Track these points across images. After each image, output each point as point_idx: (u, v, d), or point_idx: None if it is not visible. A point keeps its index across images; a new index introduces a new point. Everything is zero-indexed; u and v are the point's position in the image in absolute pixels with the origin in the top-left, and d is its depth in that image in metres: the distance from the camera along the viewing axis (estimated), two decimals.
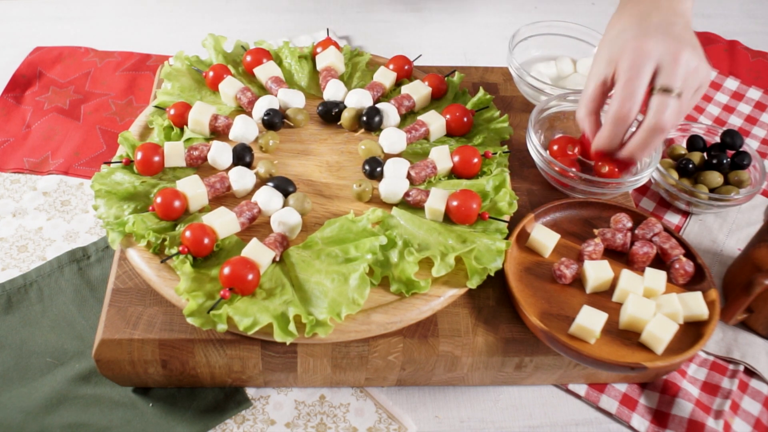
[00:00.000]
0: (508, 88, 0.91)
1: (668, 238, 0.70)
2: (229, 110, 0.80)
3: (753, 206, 0.87)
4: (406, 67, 0.84)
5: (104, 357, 0.62)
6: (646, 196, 0.87)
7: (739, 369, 0.71)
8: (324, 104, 0.80)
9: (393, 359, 0.64)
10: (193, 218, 0.68)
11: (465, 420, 0.67)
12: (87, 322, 0.72)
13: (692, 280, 0.68)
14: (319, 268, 0.63)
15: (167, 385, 0.67)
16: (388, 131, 0.76)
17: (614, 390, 0.69)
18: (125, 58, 1.02)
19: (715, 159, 0.85)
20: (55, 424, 0.64)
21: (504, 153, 0.76)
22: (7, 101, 0.95)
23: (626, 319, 0.63)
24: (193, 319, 0.58)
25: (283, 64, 0.86)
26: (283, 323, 0.58)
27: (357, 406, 0.67)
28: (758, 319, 0.72)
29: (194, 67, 0.84)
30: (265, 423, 0.66)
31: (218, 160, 0.73)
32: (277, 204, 0.69)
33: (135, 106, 0.95)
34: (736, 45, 1.12)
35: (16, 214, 0.81)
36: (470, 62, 1.06)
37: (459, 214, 0.68)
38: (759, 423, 0.68)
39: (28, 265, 0.77)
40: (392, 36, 1.11)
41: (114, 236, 0.65)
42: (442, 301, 0.64)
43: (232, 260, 0.61)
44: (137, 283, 0.66)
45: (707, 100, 1.02)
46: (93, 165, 0.87)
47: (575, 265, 0.67)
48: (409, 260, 0.63)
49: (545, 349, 0.65)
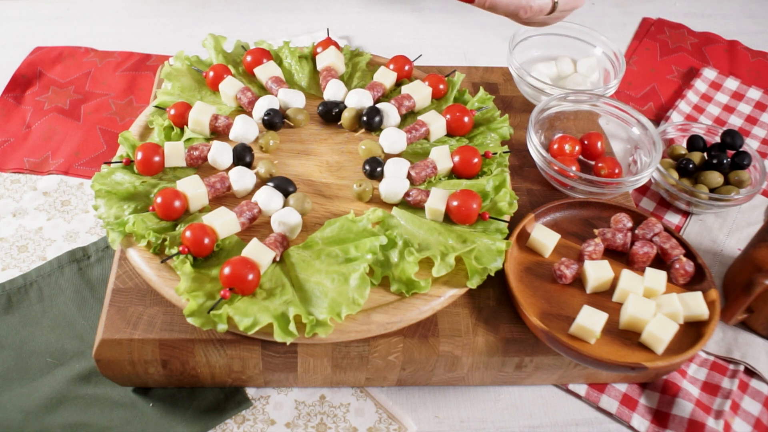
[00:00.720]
0: (508, 88, 0.91)
1: (668, 238, 0.70)
2: (229, 110, 0.80)
3: (753, 206, 0.87)
4: (406, 67, 0.84)
5: (104, 357, 0.62)
6: (646, 196, 0.87)
7: (739, 369, 0.71)
8: (324, 104, 0.80)
9: (393, 359, 0.64)
10: (194, 218, 0.68)
11: (465, 420, 0.67)
12: (87, 322, 0.72)
13: (692, 280, 0.68)
14: (319, 268, 0.63)
15: (167, 385, 0.67)
16: (388, 131, 0.76)
17: (614, 390, 0.69)
18: (125, 58, 1.02)
19: (715, 159, 0.85)
20: (55, 424, 0.64)
21: (504, 153, 0.76)
22: (7, 101, 0.95)
23: (626, 319, 0.63)
24: (194, 319, 0.58)
25: (283, 64, 0.86)
26: (283, 323, 0.58)
27: (357, 406, 0.67)
28: (758, 319, 0.72)
29: (194, 67, 0.84)
30: (265, 423, 0.66)
31: (218, 160, 0.73)
32: (278, 204, 0.69)
33: (135, 106, 0.96)
34: (736, 45, 1.12)
35: (16, 214, 0.81)
36: (470, 62, 1.06)
37: (459, 214, 0.68)
38: (759, 423, 0.68)
39: (28, 265, 0.77)
40: (392, 36, 1.11)
41: (114, 236, 0.65)
42: (442, 301, 0.64)
43: (233, 260, 0.61)
44: (137, 283, 0.66)
45: (707, 100, 1.02)
46: (93, 165, 0.87)
47: (575, 265, 0.67)
48: (409, 260, 0.63)
49: (545, 349, 0.65)
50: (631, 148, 0.82)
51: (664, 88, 1.05)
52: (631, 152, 0.82)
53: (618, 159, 0.82)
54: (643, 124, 0.80)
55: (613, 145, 0.83)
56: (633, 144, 0.82)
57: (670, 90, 1.04)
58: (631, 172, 0.81)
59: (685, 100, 1.01)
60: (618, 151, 0.83)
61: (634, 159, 0.81)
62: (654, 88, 1.04)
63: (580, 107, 0.84)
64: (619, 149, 0.83)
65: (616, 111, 0.83)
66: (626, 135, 0.83)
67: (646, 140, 0.80)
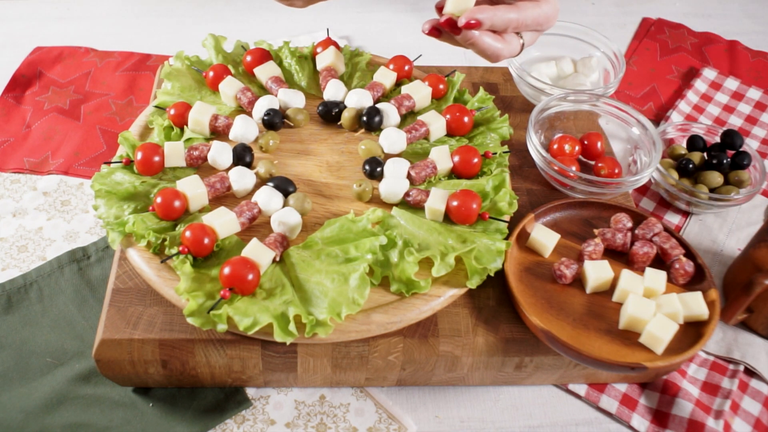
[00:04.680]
0: (508, 88, 0.91)
1: (668, 238, 0.70)
2: (229, 110, 0.80)
3: (753, 206, 0.87)
4: (406, 67, 0.84)
5: (104, 357, 0.62)
6: (646, 196, 0.87)
7: (739, 369, 0.71)
8: (324, 104, 0.80)
9: (393, 359, 0.64)
10: (193, 218, 0.68)
11: (465, 420, 0.67)
12: (87, 322, 0.72)
13: (692, 280, 0.68)
14: (319, 268, 0.63)
15: (167, 385, 0.67)
16: (388, 131, 0.76)
17: (614, 390, 0.69)
18: (125, 58, 1.02)
19: (715, 159, 0.85)
20: (55, 424, 0.64)
21: (504, 153, 0.76)
22: (7, 101, 0.95)
23: (626, 319, 0.63)
24: (193, 319, 0.58)
25: (283, 64, 0.86)
26: (283, 323, 0.58)
27: (357, 406, 0.67)
28: (758, 319, 0.72)
29: (194, 67, 0.84)
30: (265, 423, 0.66)
31: (218, 160, 0.73)
32: (277, 204, 0.69)
33: (135, 106, 0.96)
34: (736, 45, 1.12)
35: (16, 214, 0.81)
36: (470, 62, 1.06)
37: (459, 214, 0.68)
38: (759, 423, 0.68)
39: (28, 265, 0.77)
40: (392, 36, 1.11)
41: (114, 236, 0.65)
42: (442, 301, 0.64)
43: (232, 260, 0.61)
44: (137, 283, 0.66)
45: (707, 100, 1.02)
46: (93, 165, 0.87)
47: (575, 265, 0.67)
48: (409, 260, 0.63)
49: (545, 349, 0.65)
50: (631, 148, 0.82)
51: (664, 88, 1.05)
52: (631, 152, 0.82)
53: (618, 159, 0.82)
54: (643, 124, 0.80)
55: (613, 145, 0.83)
56: (633, 144, 0.82)
57: (670, 90, 1.04)
58: (631, 172, 0.81)
59: (685, 100, 1.01)
60: (618, 151, 0.83)
61: (634, 159, 0.81)
62: (654, 88, 1.04)
63: (580, 107, 0.84)
64: (619, 149, 0.83)
65: (616, 111, 0.83)
66: (626, 135, 0.83)
67: (646, 140, 0.80)
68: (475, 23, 0.63)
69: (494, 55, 0.68)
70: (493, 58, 0.69)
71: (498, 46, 0.67)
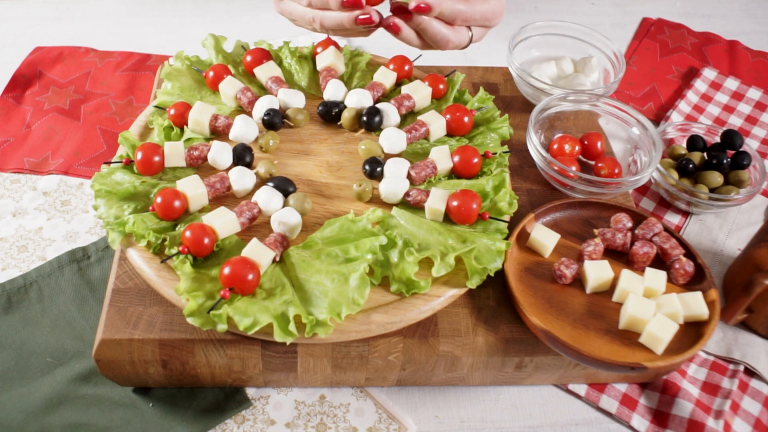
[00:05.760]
0: (508, 88, 0.91)
1: (668, 238, 0.70)
2: (229, 110, 0.80)
3: (753, 206, 0.87)
4: (406, 67, 0.84)
5: (104, 357, 0.62)
6: (646, 196, 0.87)
7: (739, 369, 0.71)
8: (324, 104, 0.80)
9: (393, 359, 0.64)
10: (193, 218, 0.68)
11: (465, 420, 0.67)
12: (87, 322, 0.72)
13: (692, 280, 0.68)
14: (319, 268, 0.63)
15: (167, 385, 0.67)
16: (388, 131, 0.76)
17: (614, 390, 0.69)
18: (125, 58, 1.02)
19: (715, 159, 0.85)
20: (55, 424, 0.64)
21: (504, 153, 0.76)
22: (7, 101, 0.95)
23: (626, 319, 0.63)
24: (193, 319, 0.58)
25: (283, 64, 0.86)
26: (283, 323, 0.58)
27: (357, 406, 0.67)
28: (758, 319, 0.72)
29: (194, 67, 0.84)
30: (265, 423, 0.66)
31: (218, 160, 0.73)
32: (277, 204, 0.69)
33: (135, 106, 0.96)
34: (736, 45, 1.12)
35: (16, 214, 0.81)
36: (470, 62, 1.06)
37: (459, 214, 0.68)
38: (759, 423, 0.68)
39: (28, 265, 0.77)
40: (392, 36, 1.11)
41: (114, 236, 0.65)
42: (442, 301, 0.64)
43: (232, 260, 0.61)
44: (137, 283, 0.66)
45: (707, 100, 1.02)
46: (93, 165, 0.87)
47: (575, 265, 0.67)
48: (409, 260, 0.63)
49: (545, 349, 0.65)
50: (631, 148, 0.82)
51: (664, 88, 1.05)
52: (631, 152, 0.82)
53: (618, 159, 0.82)
54: (642, 124, 0.80)
55: (613, 145, 0.83)
56: (633, 144, 0.82)
57: (670, 90, 1.04)
58: (631, 172, 0.81)
59: (685, 100, 1.01)
60: (618, 151, 0.83)
61: (634, 159, 0.81)
62: (654, 88, 1.04)
63: (580, 107, 0.84)
64: (619, 149, 0.83)
65: (616, 111, 0.83)
66: (626, 135, 0.83)
67: (646, 140, 0.80)
68: (425, 7, 0.70)
69: (443, 40, 0.73)
70: (442, 44, 0.74)
71: (447, 32, 0.72)
